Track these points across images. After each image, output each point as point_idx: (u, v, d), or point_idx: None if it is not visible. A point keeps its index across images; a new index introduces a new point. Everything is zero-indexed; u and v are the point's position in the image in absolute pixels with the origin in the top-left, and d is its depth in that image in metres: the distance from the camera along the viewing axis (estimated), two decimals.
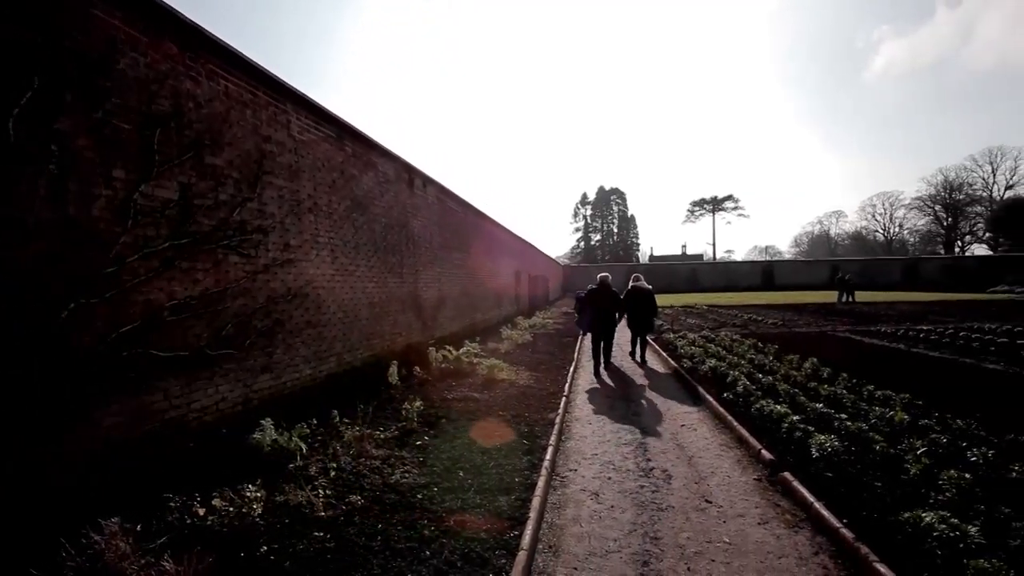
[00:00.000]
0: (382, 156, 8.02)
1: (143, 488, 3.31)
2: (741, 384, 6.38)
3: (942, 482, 3.49)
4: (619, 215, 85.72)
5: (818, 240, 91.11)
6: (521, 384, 7.54)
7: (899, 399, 5.59)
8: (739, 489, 4.05)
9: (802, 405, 5.54)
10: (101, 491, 3.17)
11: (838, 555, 3.08)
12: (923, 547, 2.85)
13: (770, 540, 3.29)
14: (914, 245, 76.01)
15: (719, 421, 5.78)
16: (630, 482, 4.23)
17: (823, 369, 7.35)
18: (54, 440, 2.99)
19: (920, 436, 4.45)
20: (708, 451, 4.92)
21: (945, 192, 70.60)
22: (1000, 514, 3.08)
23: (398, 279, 8.56)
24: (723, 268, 53.75)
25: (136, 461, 3.46)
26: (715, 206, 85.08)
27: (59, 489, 3.01)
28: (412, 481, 3.95)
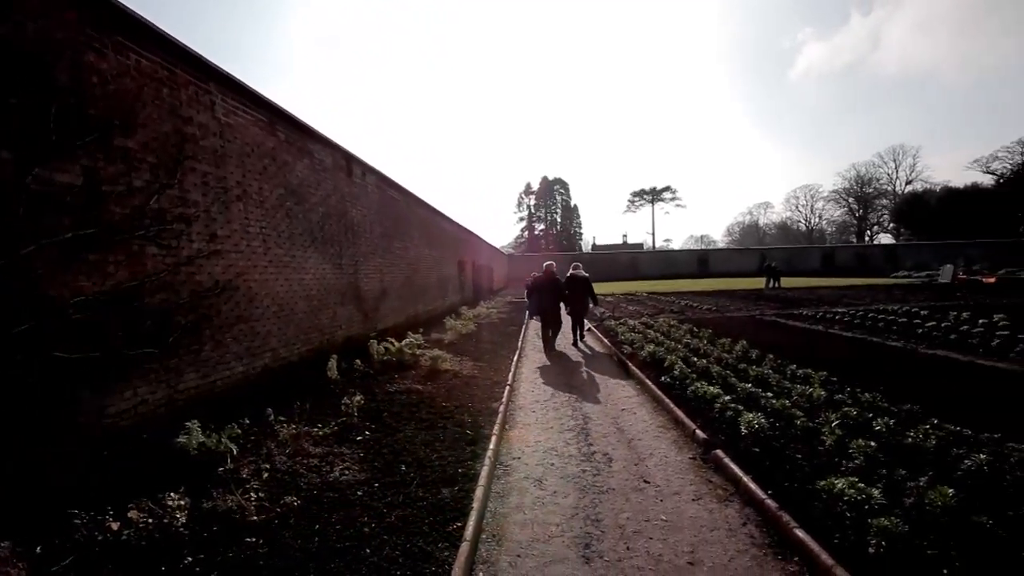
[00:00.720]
0: (318, 143, 7.68)
1: (45, 506, 3.02)
2: (678, 368, 6.67)
3: (852, 450, 3.80)
4: (562, 205, 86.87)
5: (748, 229, 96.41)
6: (465, 374, 7.52)
7: (818, 376, 6.02)
8: (675, 468, 4.23)
9: (733, 386, 5.86)
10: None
11: (763, 524, 3.29)
12: (835, 511, 3.10)
13: (703, 515, 3.46)
14: (831, 234, 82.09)
15: (657, 404, 6.01)
16: (572, 467, 4.32)
17: (752, 351, 7.81)
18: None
19: (835, 409, 4.82)
20: (647, 433, 5.11)
21: (857, 186, 76.71)
22: (898, 476, 3.39)
23: (337, 270, 8.27)
24: (662, 256, 55.79)
25: (35, 476, 3.15)
26: (654, 197, 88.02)
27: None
28: (352, 478, 3.84)
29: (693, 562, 2.93)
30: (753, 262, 47.86)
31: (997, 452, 3.69)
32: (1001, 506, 3.06)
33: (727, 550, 3.04)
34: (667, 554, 3.01)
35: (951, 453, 3.70)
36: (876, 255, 50.48)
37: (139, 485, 3.33)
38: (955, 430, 4.13)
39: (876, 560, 2.66)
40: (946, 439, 3.95)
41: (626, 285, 33.77)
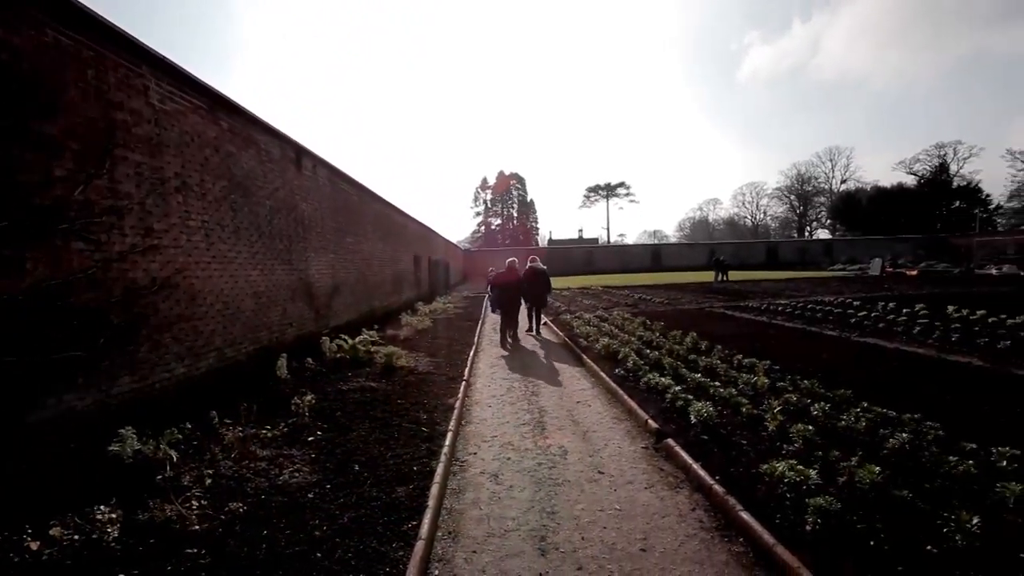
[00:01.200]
0: (265, 133, 7.35)
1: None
2: (631, 360, 6.83)
3: (792, 435, 4.01)
4: (519, 200, 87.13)
5: (699, 225, 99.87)
6: (421, 371, 7.43)
7: (762, 366, 6.31)
8: (628, 458, 4.34)
9: (684, 376, 6.06)
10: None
11: (711, 509, 3.42)
12: (777, 492, 3.26)
13: (655, 502, 3.56)
14: (775, 230, 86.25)
15: (612, 396, 6.14)
16: (528, 460, 4.35)
17: (702, 342, 8.10)
18: None
19: (777, 396, 5.07)
20: (602, 425, 5.21)
21: (798, 184, 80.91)
22: (833, 457, 3.61)
23: (287, 266, 7.97)
24: (616, 251, 56.99)
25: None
26: (609, 192, 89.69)
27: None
28: (303, 480, 3.72)
29: (645, 548, 3.01)
30: (703, 256, 49.58)
31: (917, 431, 3.98)
32: (919, 479, 3.32)
33: (677, 535, 3.14)
34: (620, 542, 3.08)
35: (879, 433, 3.97)
36: (815, 249, 53.43)
37: (65, 500, 3.10)
38: (882, 412, 4.43)
39: (813, 536, 2.82)
40: (874, 420, 4.23)
41: (582, 279, 34.29)
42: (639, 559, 2.91)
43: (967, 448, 3.65)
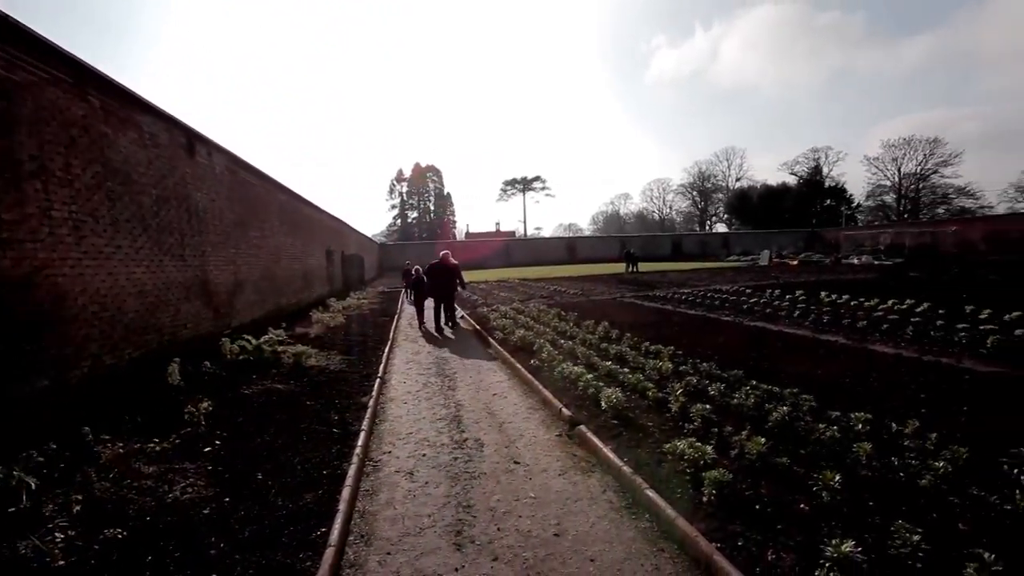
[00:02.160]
0: (148, 114, 6.61)
1: None
2: (546, 351, 7.00)
3: (692, 414, 4.32)
4: (436, 193, 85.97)
5: (611, 218, 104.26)
6: (333, 369, 7.11)
7: (667, 351, 6.72)
8: (543, 447, 4.44)
9: (595, 365, 6.31)
10: None
11: (620, 489, 3.59)
12: (679, 469, 3.49)
13: (568, 488, 3.68)
14: (680, 223, 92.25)
15: (527, 387, 6.25)
16: (444, 456, 4.31)
17: (613, 331, 8.48)
18: None
19: (680, 379, 5.43)
20: (517, 416, 5.29)
21: (699, 181, 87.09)
22: (726, 432, 3.93)
23: (179, 262, 7.26)
24: (533, 244, 58.13)
25: None
26: (525, 186, 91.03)
27: None
28: (197, 496, 3.41)
29: (559, 533, 3.10)
30: (615, 249, 51.89)
31: (795, 403, 4.45)
32: (796, 446, 3.72)
33: (589, 518, 3.26)
34: (535, 529, 3.15)
35: (764, 408, 4.37)
36: (714, 242, 57.87)
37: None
38: (768, 388, 4.90)
39: (709, 506, 3.05)
40: (761, 396, 4.67)
41: (499, 272, 34.60)
42: (553, 544, 2.99)
43: (832, 416, 4.14)
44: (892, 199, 69.57)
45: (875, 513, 2.87)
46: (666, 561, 2.77)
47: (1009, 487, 2.96)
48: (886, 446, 3.63)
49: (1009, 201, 59.79)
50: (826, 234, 54.61)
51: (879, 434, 3.83)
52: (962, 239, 41.64)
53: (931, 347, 7.01)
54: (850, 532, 2.68)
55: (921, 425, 3.85)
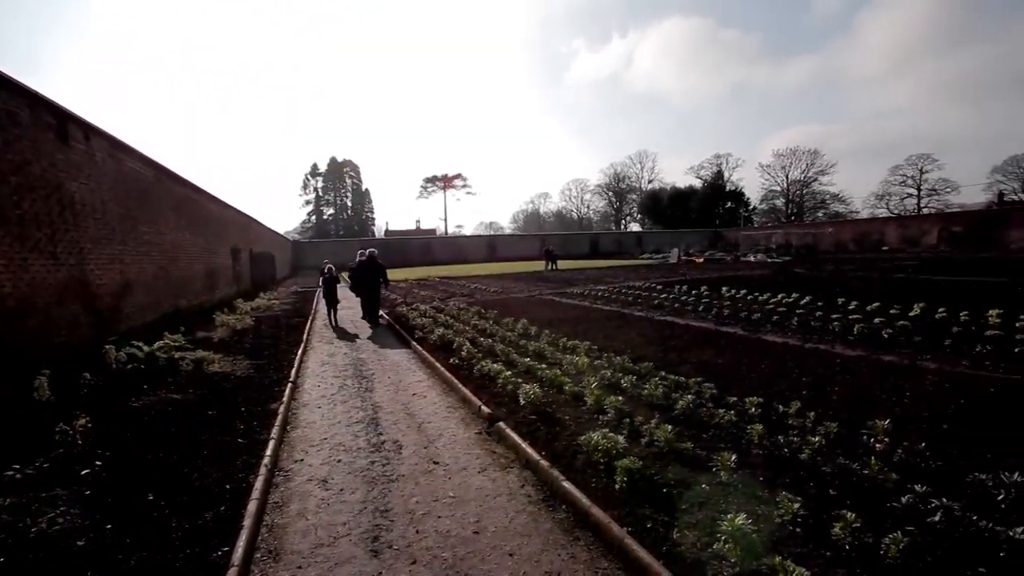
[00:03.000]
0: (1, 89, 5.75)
1: None
2: (465, 349, 6.99)
3: (606, 406, 4.51)
4: (353, 188, 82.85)
5: (531, 217, 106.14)
6: (239, 375, 6.62)
7: (583, 346, 6.96)
8: (463, 445, 4.43)
9: (515, 361, 6.40)
10: None
11: (538, 483, 3.66)
12: (594, 459, 3.63)
13: (488, 485, 3.69)
14: (597, 222, 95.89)
15: (447, 385, 6.20)
16: (361, 460, 4.17)
17: (532, 328, 8.64)
18: None
19: (595, 373, 5.64)
20: (437, 415, 5.23)
21: (615, 182, 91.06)
22: (637, 422, 4.15)
23: (49, 260, 6.42)
24: (454, 242, 57.80)
25: None
26: (446, 184, 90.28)
27: None
28: (70, 526, 3.03)
29: (478, 531, 3.10)
30: (535, 247, 52.90)
31: (698, 391, 4.79)
32: (699, 431, 4.02)
33: (508, 513, 3.30)
34: (455, 528, 3.13)
35: (671, 397, 4.67)
36: (629, 241, 60.78)
37: None
38: (675, 379, 5.23)
39: (621, 492, 3.20)
40: (669, 386, 4.98)
41: (419, 271, 34.04)
42: (472, 542, 2.99)
43: (730, 401, 4.51)
44: (782, 203, 77.25)
45: (765, 486, 3.16)
46: (581, 549, 2.87)
47: (867, 455, 3.38)
48: (774, 426, 4.01)
49: (871, 207, 69.09)
50: (727, 234, 59.37)
51: (769, 416, 4.22)
52: (836, 239, 47.26)
53: (811, 335, 7.84)
54: (744, 506, 2.93)
55: (802, 405, 4.30)
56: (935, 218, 45.42)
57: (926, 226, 42.86)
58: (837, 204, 72.29)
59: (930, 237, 41.32)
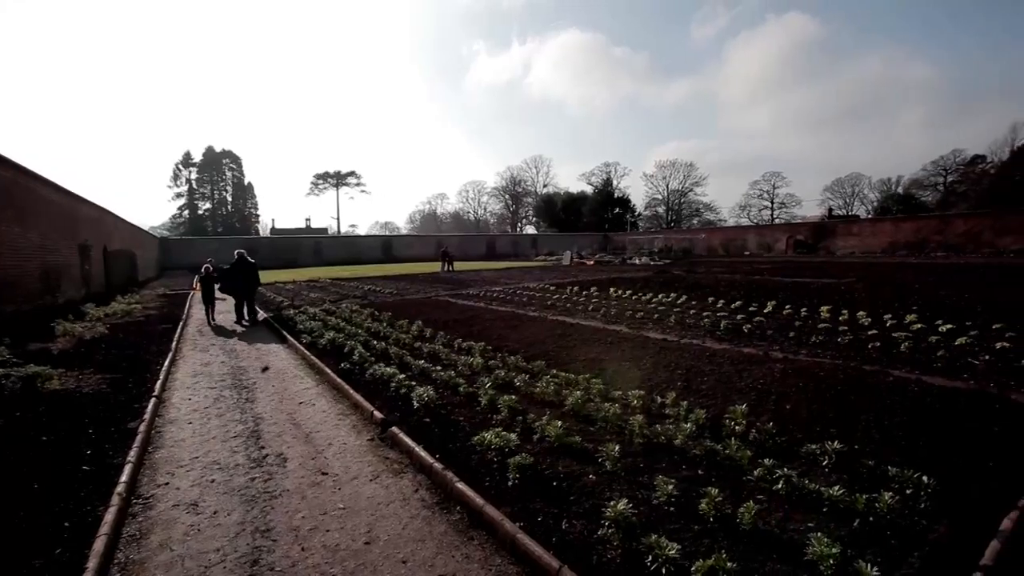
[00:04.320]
0: None
1: None
2: (357, 353, 6.72)
3: (499, 405, 4.59)
4: (234, 182, 75.78)
5: (428, 217, 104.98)
6: (87, 393, 5.73)
7: (478, 347, 7.02)
8: (354, 453, 4.25)
9: (409, 364, 6.28)
10: None
11: (432, 486, 3.63)
12: (487, 459, 3.68)
13: (380, 492, 3.58)
14: (494, 224, 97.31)
15: (338, 391, 5.91)
16: (240, 478, 3.83)
17: (427, 330, 8.53)
18: None
19: (490, 373, 5.72)
20: (326, 423, 4.97)
21: (511, 185, 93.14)
22: (529, 419, 4.28)
23: None
24: (347, 242, 55.29)
25: None
26: (339, 181, 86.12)
27: None
28: None
29: (370, 541, 3.00)
30: (432, 248, 52.36)
31: (587, 387, 5.06)
32: (587, 425, 4.25)
33: (401, 519, 3.23)
34: (344, 541, 3.00)
35: (562, 394, 4.88)
36: (525, 243, 62.41)
37: None
38: (566, 376, 5.47)
39: (514, 490, 3.28)
40: (560, 384, 5.20)
41: (310, 271, 32.03)
42: (363, 553, 2.88)
43: (616, 395, 4.82)
44: (663, 210, 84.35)
45: (645, 472, 3.42)
46: (476, 548, 2.89)
47: (728, 436, 3.82)
48: (654, 416, 4.36)
49: (736, 216, 78.43)
50: (616, 237, 63.46)
51: (649, 407, 4.59)
52: (708, 244, 52.67)
53: (687, 331, 8.64)
54: (626, 492, 3.15)
55: (677, 395, 4.72)
56: (784, 228, 52.83)
57: (777, 234, 49.66)
58: (709, 213, 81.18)
59: (781, 244, 47.85)
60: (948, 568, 2.44)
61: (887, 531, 2.72)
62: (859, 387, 5.20)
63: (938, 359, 6.24)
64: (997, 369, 5.76)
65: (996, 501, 3.00)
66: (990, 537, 2.65)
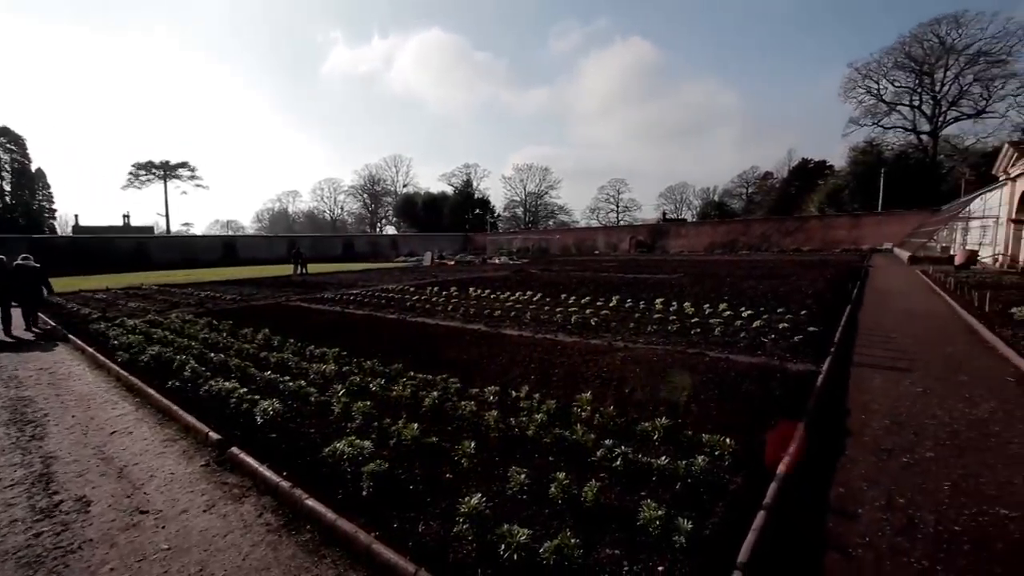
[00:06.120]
0: None
1: None
2: (190, 368, 5.91)
3: (354, 412, 4.40)
4: (14, 167, 61.35)
5: (278, 216, 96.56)
6: None
7: (332, 353, 6.63)
8: (183, 483, 3.74)
9: (253, 376, 5.70)
10: None
11: (279, 507, 3.35)
12: (340, 470, 3.50)
13: (216, 523, 3.21)
14: (352, 224, 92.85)
15: (164, 414, 5.14)
16: (16, 538, 3.09)
17: (275, 338, 7.83)
18: None
19: (344, 380, 5.45)
20: (147, 453, 4.29)
21: (369, 184, 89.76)
22: (385, 424, 4.17)
23: None
24: (179, 242, 48.44)
25: None
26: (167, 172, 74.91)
27: None
28: None
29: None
30: (282, 249, 48.23)
31: (444, 387, 5.09)
32: (444, 425, 4.27)
33: (241, 550, 2.92)
34: None
35: (419, 395, 4.83)
36: (384, 243, 60.55)
37: None
38: (424, 377, 5.43)
39: (369, 499, 3.17)
40: (417, 385, 5.15)
41: (130, 277, 27.22)
42: None
43: (473, 392, 4.93)
44: (521, 211, 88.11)
45: (500, 465, 3.54)
46: (328, 567, 2.74)
47: (575, 423, 4.13)
48: (508, 410, 4.53)
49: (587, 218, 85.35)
50: (476, 238, 64.63)
51: (504, 401, 4.76)
52: (563, 244, 56.39)
53: (541, 326, 9.14)
54: (481, 486, 3.24)
55: (531, 389, 4.98)
56: (628, 229, 59.04)
57: (622, 235, 55.29)
58: (563, 214, 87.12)
59: (625, 244, 53.31)
60: (742, 511, 2.94)
61: (700, 489, 3.18)
62: (684, 368, 6.00)
63: (741, 340, 7.47)
64: (780, 345, 7.08)
65: (774, 452, 3.68)
66: (771, 481, 3.26)
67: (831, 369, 5.98)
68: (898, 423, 4.54)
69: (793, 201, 60.72)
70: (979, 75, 49.30)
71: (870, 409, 4.90)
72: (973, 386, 5.54)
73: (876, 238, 41.59)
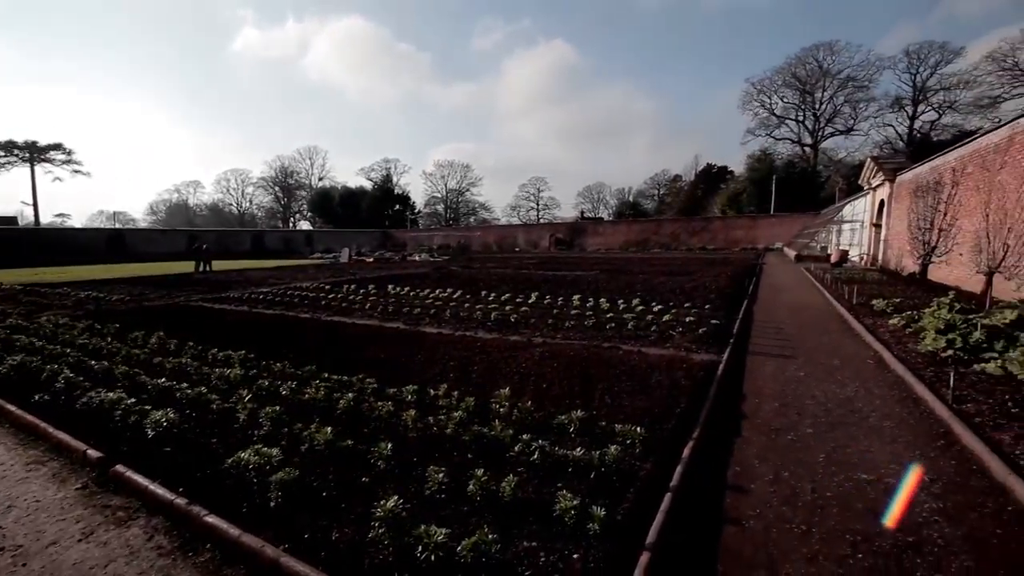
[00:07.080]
0: None
1: None
2: (63, 378, 5.23)
3: (262, 419, 4.13)
4: None
5: (177, 209, 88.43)
6: None
7: (237, 356, 6.18)
8: (53, 511, 3.30)
9: (144, 384, 5.17)
10: None
11: (174, 527, 3.06)
12: (245, 480, 3.27)
13: (94, 553, 2.87)
14: (261, 219, 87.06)
15: (27, 433, 4.50)
16: None
17: (171, 342, 7.15)
18: None
19: (250, 385, 5.09)
20: (6, 479, 3.74)
21: (282, 176, 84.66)
22: (296, 429, 3.96)
23: None
24: (51, 236, 42.73)
25: None
26: (36, 155, 65.77)
27: None
28: None
29: None
30: (182, 244, 44.23)
31: (361, 388, 4.92)
32: (360, 426, 4.13)
33: None
34: None
35: (334, 397, 4.63)
36: (298, 239, 57.39)
37: None
38: (339, 378, 5.22)
39: (278, 510, 2.99)
40: (332, 387, 4.93)
41: None
42: None
43: (390, 392, 4.80)
44: (442, 208, 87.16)
45: (418, 466, 3.48)
46: None
47: (494, 418, 4.16)
48: (427, 408, 4.46)
49: (508, 216, 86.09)
50: (396, 234, 63.12)
51: (423, 400, 4.68)
52: (484, 241, 56.56)
53: (461, 324, 9.10)
54: (398, 488, 3.16)
55: (450, 386, 4.94)
56: (548, 227, 60.37)
57: (542, 233, 56.48)
58: (484, 212, 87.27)
59: (545, 241, 54.48)
60: (651, 495, 3.12)
61: (613, 477, 3.33)
62: (598, 361, 6.24)
63: (652, 333, 7.90)
64: (687, 337, 7.58)
65: (679, 437, 3.95)
66: (676, 464, 3.48)
67: (730, 358, 6.51)
68: (785, 404, 5.05)
69: (700, 203, 65.49)
70: (848, 97, 56.86)
71: (763, 393, 5.40)
72: (843, 369, 6.30)
73: (770, 238, 45.90)
